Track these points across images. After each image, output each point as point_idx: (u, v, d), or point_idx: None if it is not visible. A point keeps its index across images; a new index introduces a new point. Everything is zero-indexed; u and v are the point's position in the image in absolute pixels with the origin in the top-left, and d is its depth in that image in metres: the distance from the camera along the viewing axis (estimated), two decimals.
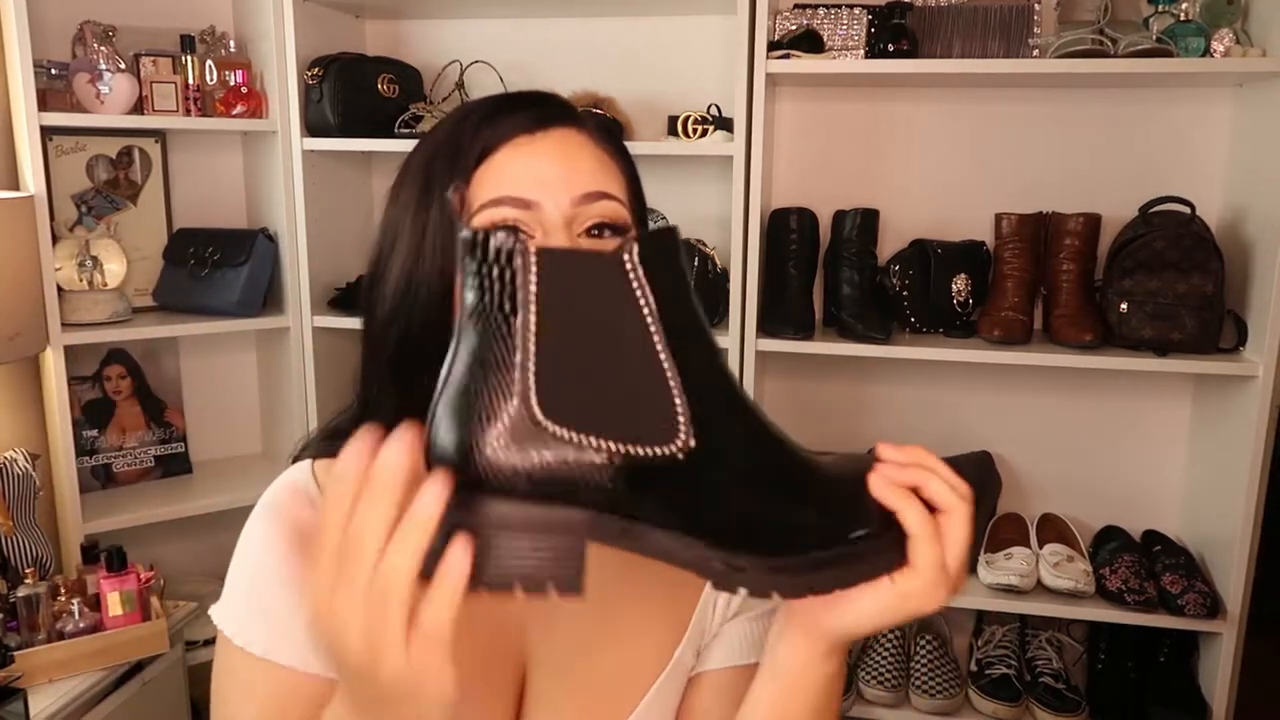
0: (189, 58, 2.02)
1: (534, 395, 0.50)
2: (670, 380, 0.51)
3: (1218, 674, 1.81)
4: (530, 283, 0.50)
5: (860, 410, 2.16)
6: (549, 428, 0.50)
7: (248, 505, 0.77)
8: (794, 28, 1.88)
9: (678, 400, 0.52)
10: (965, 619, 2.12)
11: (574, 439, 0.50)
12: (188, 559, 2.15)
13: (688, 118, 1.94)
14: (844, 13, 1.87)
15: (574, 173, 0.70)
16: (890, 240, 2.04)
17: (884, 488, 0.56)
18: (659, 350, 0.51)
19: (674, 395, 0.51)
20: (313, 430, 0.85)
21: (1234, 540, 1.77)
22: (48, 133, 1.94)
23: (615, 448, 0.50)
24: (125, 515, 2.00)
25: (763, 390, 2.11)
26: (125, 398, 2.17)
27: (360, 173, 2.28)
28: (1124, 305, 1.78)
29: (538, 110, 0.72)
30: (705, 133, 1.93)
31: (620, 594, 0.78)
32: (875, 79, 1.94)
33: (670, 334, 0.51)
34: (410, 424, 0.50)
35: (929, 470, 0.57)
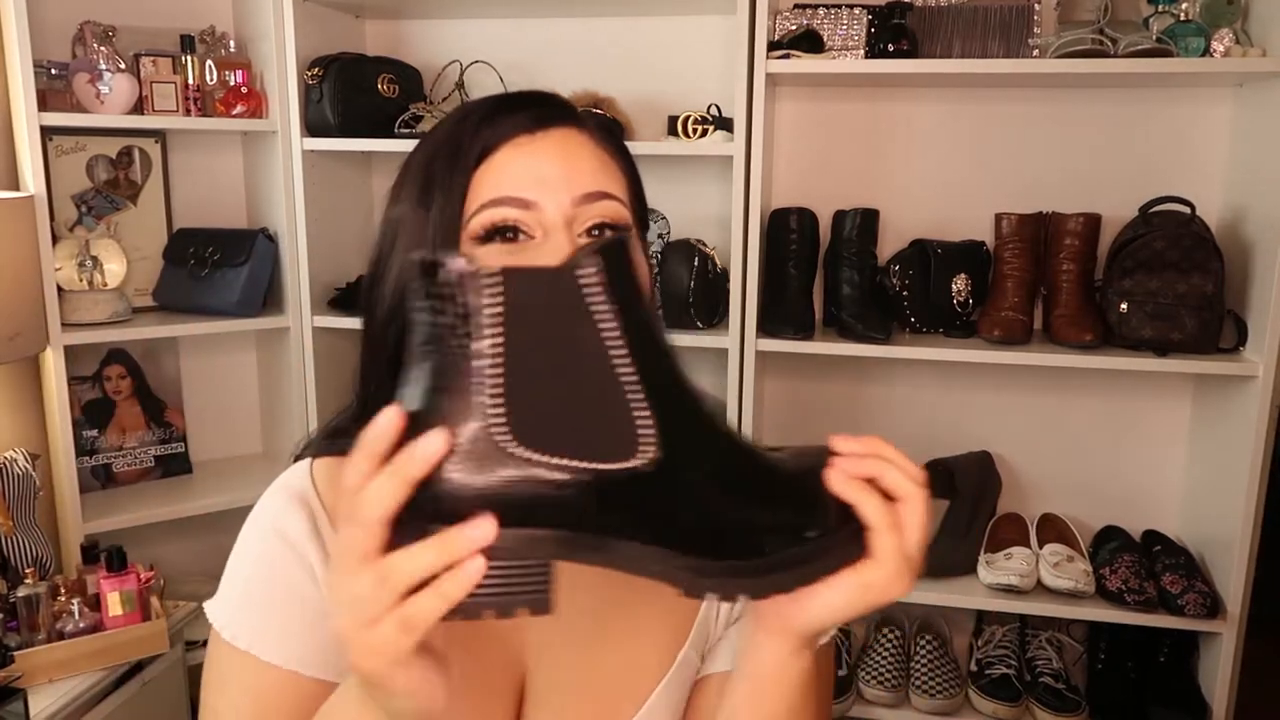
0: (189, 58, 2.02)
1: (497, 419, 0.49)
2: (633, 392, 0.51)
3: (1218, 674, 1.81)
4: (487, 306, 0.49)
5: (860, 410, 2.15)
6: (513, 451, 0.49)
7: (248, 505, 0.78)
8: (794, 28, 1.88)
9: (642, 412, 0.51)
10: (965, 619, 2.12)
11: (538, 460, 0.50)
12: (188, 559, 2.14)
13: (688, 118, 1.94)
14: (844, 13, 1.87)
15: (574, 172, 0.70)
16: (890, 240, 2.04)
17: (841, 482, 0.56)
18: (619, 362, 0.51)
19: (637, 407, 0.51)
20: (313, 430, 0.85)
21: (1234, 540, 1.77)
22: (48, 133, 1.94)
23: (581, 465, 0.50)
24: (125, 515, 2.00)
25: (763, 390, 2.11)
26: (125, 398, 2.17)
27: (360, 173, 2.28)
28: (1124, 305, 1.78)
29: (538, 110, 0.72)
30: (705, 133, 1.93)
31: (622, 596, 0.77)
32: (875, 79, 1.94)
33: (631, 345, 0.51)
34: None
35: (885, 460, 0.58)
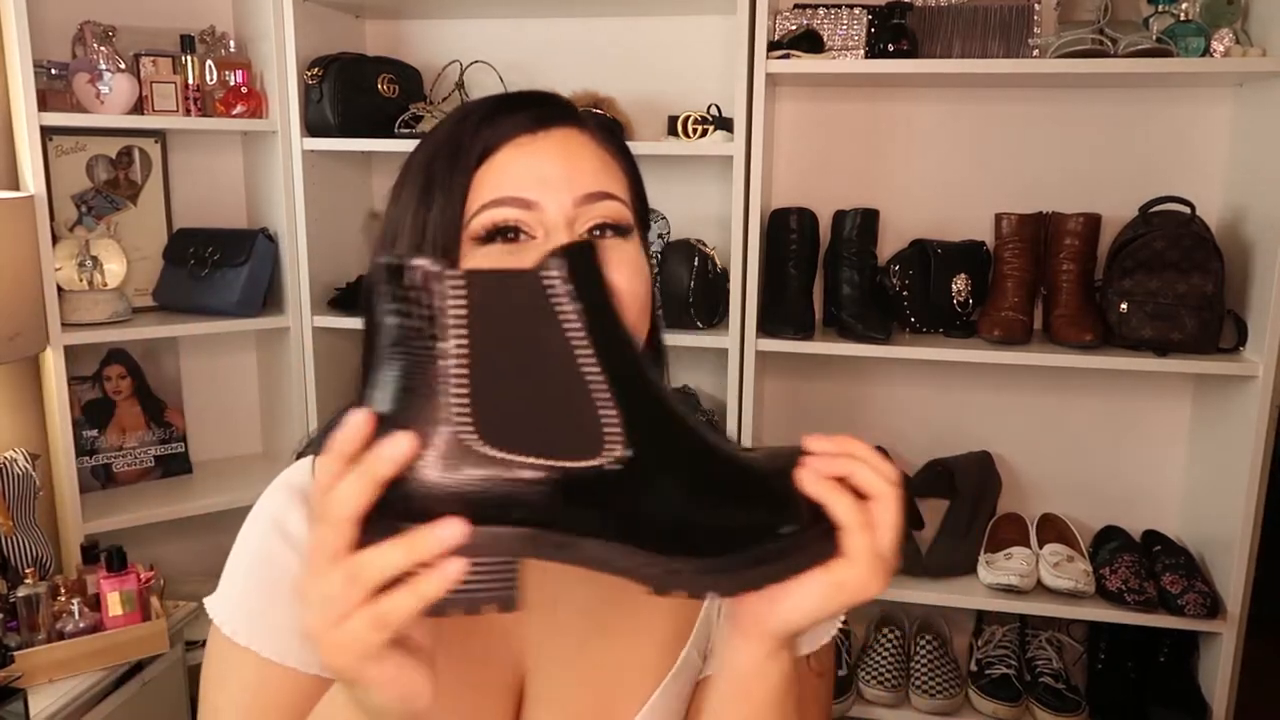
0: (189, 58, 2.02)
1: (464, 419, 0.50)
2: (599, 392, 0.52)
3: (1218, 674, 1.81)
4: (453, 308, 0.49)
5: (860, 410, 2.15)
6: (480, 450, 0.50)
7: (248, 505, 0.78)
8: (794, 28, 1.88)
9: (608, 411, 0.52)
10: (965, 619, 2.12)
11: (506, 459, 0.50)
12: (188, 559, 2.14)
13: (688, 118, 1.94)
14: (844, 13, 1.87)
15: (576, 172, 0.70)
16: (890, 240, 2.04)
17: (812, 481, 0.56)
18: (587, 363, 0.51)
19: (604, 406, 0.52)
20: (314, 430, 0.86)
21: (1234, 540, 1.77)
22: (48, 133, 1.94)
23: (548, 464, 0.51)
24: (125, 515, 2.00)
25: (763, 390, 2.11)
26: (125, 398, 2.17)
27: (360, 173, 2.28)
28: (1124, 305, 1.78)
29: (539, 110, 0.72)
30: (705, 133, 1.93)
31: (622, 595, 0.77)
32: (875, 79, 1.94)
33: (597, 346, 0.51)
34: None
35: (857, 459, 0.58)
